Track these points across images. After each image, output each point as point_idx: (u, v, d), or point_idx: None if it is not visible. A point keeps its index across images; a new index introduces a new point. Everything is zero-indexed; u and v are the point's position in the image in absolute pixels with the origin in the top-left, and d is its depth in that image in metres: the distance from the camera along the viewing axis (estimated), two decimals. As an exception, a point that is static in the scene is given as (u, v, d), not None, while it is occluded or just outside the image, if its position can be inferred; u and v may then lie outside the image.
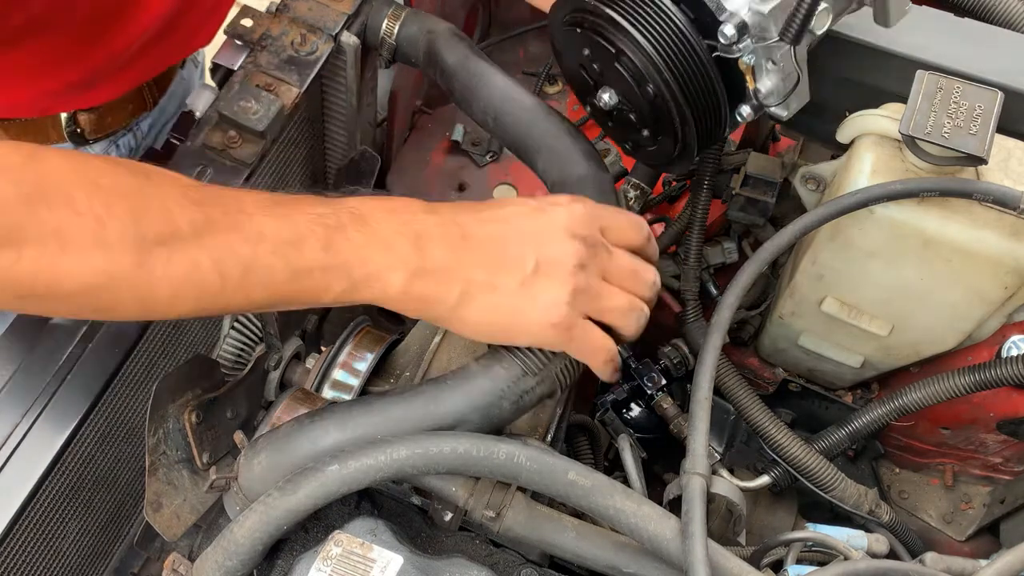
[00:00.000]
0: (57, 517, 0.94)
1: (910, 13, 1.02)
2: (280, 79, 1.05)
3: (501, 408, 0.79)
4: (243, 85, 1.03)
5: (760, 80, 0.85)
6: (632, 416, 1.27)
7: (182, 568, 0.79)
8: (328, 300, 0.76)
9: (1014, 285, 0.96)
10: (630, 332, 0.82)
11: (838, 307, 1.09)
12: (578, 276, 0.77)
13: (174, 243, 0.69)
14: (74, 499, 0.96)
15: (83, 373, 0.90)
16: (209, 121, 1.02)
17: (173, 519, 0.83)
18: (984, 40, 1.00)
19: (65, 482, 0.93)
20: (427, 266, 0.75)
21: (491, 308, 0.76)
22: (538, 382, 0.79)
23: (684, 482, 0.75)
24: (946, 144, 0.87)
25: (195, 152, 1.00)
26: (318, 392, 0.98)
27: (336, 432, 0.77)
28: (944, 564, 0.85)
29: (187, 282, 0.70)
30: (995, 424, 1.13)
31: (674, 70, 0.84)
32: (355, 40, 1.09)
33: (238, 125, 1.01)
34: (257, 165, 1.02)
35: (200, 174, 0.99)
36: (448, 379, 0.80)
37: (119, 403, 0.96)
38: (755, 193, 1.15)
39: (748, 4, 0.80)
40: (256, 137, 1.01)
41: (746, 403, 1.09)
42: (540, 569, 0.83)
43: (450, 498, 0.81)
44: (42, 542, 0.94)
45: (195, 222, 0.69)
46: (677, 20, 0.83)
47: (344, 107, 1.17)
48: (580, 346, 0.79)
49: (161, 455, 0.83)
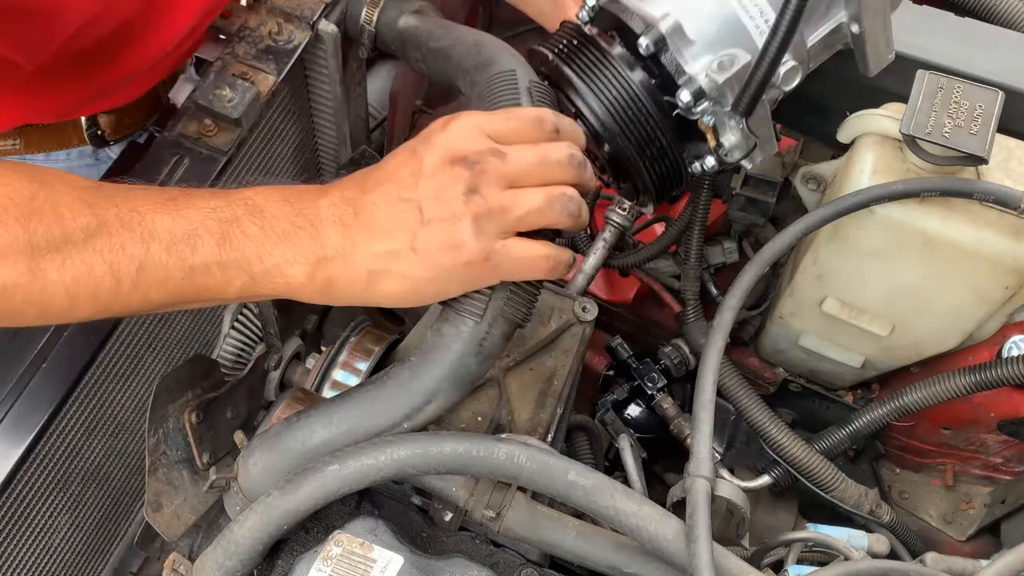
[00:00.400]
0: (45, 510, 0.94)
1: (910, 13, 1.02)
2: (257, 68, 1.04)
3: (467, 366, 0.77)
4: (219, 74, 1.03)
5: (723, 136, 0.84)
6: (632, 416, 1.27)
7: (182, 568, 0.79)
8: (232, 296, 0.74)
9: (1015, 285, 0.96)
10: (566, 223, 0.75)
11: (839, 307, 1.09)
12: (471, 202, 0.70)
13: (67, 248, 0.69)
14: (62, 492, 0.95)
15: (58, 362, 0.89)
16: (185, 111, 1.02)
17: (173, 519, 0.83)
18: (985, 40, 1.00)
19: (50, 474, 0.92)
20: (327, 253, 0.72)
21: (404, 276, 0.72)
22: (490, 323, 0.76)
23: (688, 485, 0.75)
24: (947, 144, 0.87)
25: (171, 142, 1.00)
26: (318, 392, 0.98)
27: (321, 429, 0.77)
28: (945, 564, 0.85)
29: (82, 286, 0.70)
30: (996, 424, 1.13)
31: (628, 134, 0.84)
32: (333, 28, 1.08)
33: (213, 113, 1.00)
34: (235, 153, 1.01)
35: (176, 164, 0.98)
36: (412, 356, 0.79)
37: (104, 396, 0.96)
38: (755, 193, 1.15)
39: (706, 70, 0.80)
40: (231, 125, 1.00)
41: (747, 403, 1.09)
42: (540, 569, 0.83)
43: (450, 498, 0.81)
44: (30, 535, 0.93)
45: (88, 226, 0.69)
46: (632, 86, 0.83)
47: (330, 99, 1.17)
48: (509, 269, 0.73)
49: (161, 455, 0.83)
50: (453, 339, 0.76)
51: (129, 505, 1.07)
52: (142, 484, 1.07)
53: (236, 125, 1.01)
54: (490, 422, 0.95)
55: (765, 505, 1.20)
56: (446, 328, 0.77)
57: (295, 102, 1.16)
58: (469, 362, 0.77)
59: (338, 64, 1.12)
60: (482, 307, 0.76)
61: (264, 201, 0.73)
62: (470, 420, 0.94)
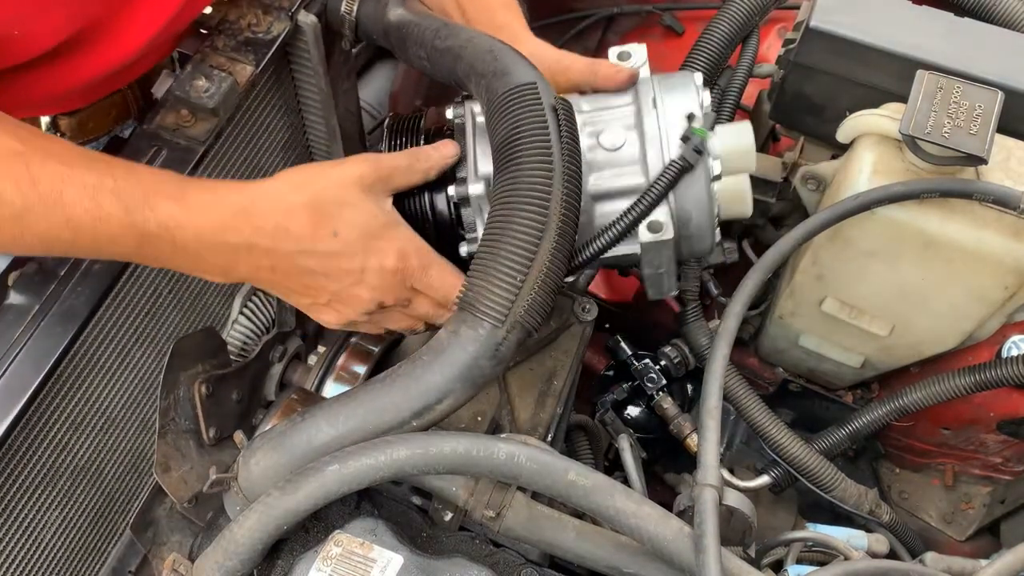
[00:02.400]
0: (32, 504, 0.94)
1: (910, 13, 1.02)
2: (235, 59, 1.04)
3: (481, 368, 0.78)
4: (196, 66, 1.03)
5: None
6: (632, 416, 1.27)
7: (182, 568, 0.79)
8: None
9: (1014, 285, 0.96)
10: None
11: (838, 307, 1.09)
12: (362, 318, 0.89)
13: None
14: (51, 487, 0.95)
15: (34, 350, 0.90)
16: (164, 103, 1.02)
17: (181, 483, 0.85)
18: (984, 40, 1.00)
19: (36, 468, 0.93)
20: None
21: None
22: (508, 330, 0.77)
23: (696, 494, 0.75)
24: (946, 144, 0.87)
25: (149, 134, 1.00)
26: (318, 392, 0.98)
27: (328, 427, 0.77)
28: (944, 564, 0.85)
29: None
30: (995, 424, 1.13)
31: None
32: (313, 19, 1.08)
33: (189, 104, 1.00)
34: (212, 143, 1.01)
35: (155, 155, 0.99)
36: (423, 354, 0.79)
37: (90, 390, 0.96)
38: (755, 193, 1.15)
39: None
40: (208, 115, 1.01)
41: (747, 403, 1.09)
42: (540, 569, 0.83)
43: (450, 498, 0.81)
44: (18, 529, 0.93)
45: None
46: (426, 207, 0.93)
47: (316, 92, 1.17)
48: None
49: (171, 420, 0.85)
50: (470, 341, 0.77)
51: (125, 504, 1.07)
52: (137, 483, 1.07)
53: (213, 115, 1.01)
54: (490, 422, 0.95)
55: (765, 505, 1.20)
56: (463, 329, 0.77)
57: (281, 96, 1.16)
58: (483, 364, 0.78)
59: (321, 56, 1.12)
60: (504, 312, 0.77)
61: (182, 236, 0.81)
62: (470, 420, 0.95)
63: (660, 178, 0.86)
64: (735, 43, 1.13)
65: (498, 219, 0.79)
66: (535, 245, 0.78)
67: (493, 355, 0.77)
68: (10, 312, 0.90)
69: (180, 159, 0.98)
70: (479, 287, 0.77)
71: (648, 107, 0.90)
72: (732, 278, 1.02)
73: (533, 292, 0.78)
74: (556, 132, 0.81)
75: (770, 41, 1.45)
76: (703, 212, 0.89)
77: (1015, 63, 0.97)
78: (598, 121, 0.91)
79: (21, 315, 0.90)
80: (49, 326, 0.90)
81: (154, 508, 0.92)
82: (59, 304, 0.90)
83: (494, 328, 0.77)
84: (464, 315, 0.78)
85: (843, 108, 1.02)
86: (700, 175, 0.87)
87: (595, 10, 1.73)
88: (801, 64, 1.04)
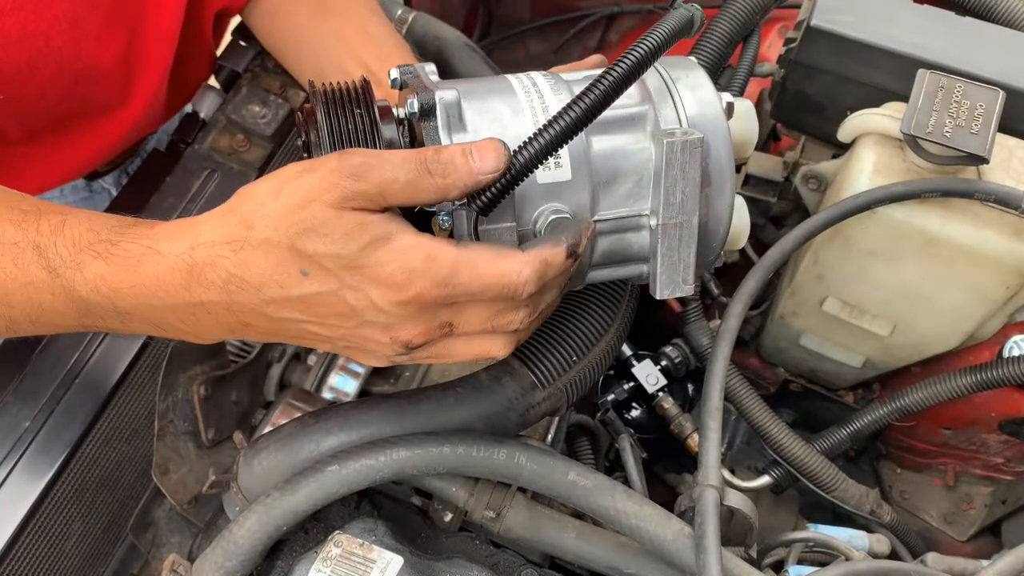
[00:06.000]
0: (62, 519, 0.94)
1: (911, 12, 1.02)
2: (288, 83, 1.06)
3: (507, 419, 0.79)
4: (251, 89, 1.04)
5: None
6: (633, 416, 1.27)
7: (181, 569, 0.79)
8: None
9: (1016, 285, 0.96)
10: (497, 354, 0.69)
11: (839, 307, 1.09)
12: (403, 357, 0.67)
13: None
14: (78, 500, 0.96)
15: (91, 377, 0.91)
16: (216, 124, 1.03)
17: (180, 485, 0.85)
18: (986, 39, 1.00)
19: (70, 484, 0.93)
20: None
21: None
22: (545, 396, 0.80)
23: (697, 495, 0.75)
24: (948, 143, 0.87)
25: (202, 155, 1.01)
26: (317, 392, 0.98)
27: (340, 433, 0.77)
28: (945, 564, 0.85)
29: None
30: (997, 424, 1.13)
31: None
32: None
33: (246, 129, 1.02)
34: (264, 168, 1.03)
35: (208, 178, 1.00)
36: (457, 386, 0.79)
37: (124, 406, 0.96)
38: (756, 192, 1.15)
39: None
40: (265, 141, 1.02)
41: (748, 403, 1.08)
42: (541, 570, 0.83)
43: (450, 498, 0.81)
44: (47, 544, 0.94)
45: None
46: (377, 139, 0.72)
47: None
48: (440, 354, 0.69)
49: (169, 422, 0.86)
50: (508, 391, 0.78)
51: (133, 508, 1.07)
52: (146, 487, 1.07)
53: (269, 142, 1.02)
54: (490, 422, 0.95)
55: (765, 505, 1.20)
56: (506, 379, 0.79)
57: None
58: (511, 417, 0.79)
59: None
60: (552, 379, 0.80)
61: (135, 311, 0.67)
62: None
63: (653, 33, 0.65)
64: (736, 42, 1.13)
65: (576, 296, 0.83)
66: (599, 336, 0.83)
67: (522, 414, 0.79)
68: (64, 337, 0.91)
69: (233, 184, 0.99)
70: (540, 347, 0.80)
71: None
72: (733, 278, 1.02)
73: (583, 371, 0.82)
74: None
75: (771, 40, 1.45)
76: (724, 207, 0.74)
77: (1016, 62, 0.97)
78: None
79: (77, 339, 0.91)
80: (105, 354, 0.92)
81: (153, 510, 0.92)
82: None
83: (535, 389, 0.79)
84: (515, 363, 0.80)
85: (844, 107, 1.02)
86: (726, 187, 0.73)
87: (595, 9, 1.73)
88: (802, 63, 1.04)
